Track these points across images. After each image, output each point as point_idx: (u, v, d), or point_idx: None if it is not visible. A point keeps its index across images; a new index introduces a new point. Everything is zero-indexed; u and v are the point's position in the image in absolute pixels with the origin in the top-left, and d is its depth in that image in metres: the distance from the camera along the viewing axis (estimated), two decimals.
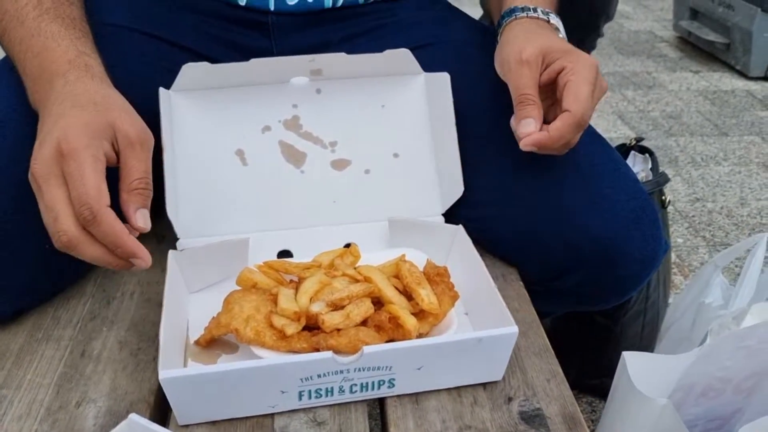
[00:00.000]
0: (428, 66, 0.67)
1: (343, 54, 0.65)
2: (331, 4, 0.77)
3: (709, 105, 2.33)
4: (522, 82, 0.59)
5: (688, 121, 2.21)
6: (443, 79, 0.65)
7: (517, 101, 0.58)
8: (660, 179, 1.05)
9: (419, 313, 0.51)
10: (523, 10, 0.67)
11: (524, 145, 0.58)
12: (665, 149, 2.01)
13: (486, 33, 0.81)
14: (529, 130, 0.57)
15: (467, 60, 0.75)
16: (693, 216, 1.67)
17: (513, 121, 0.60)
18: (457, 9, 0.90)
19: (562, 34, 0.67)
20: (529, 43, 0.60)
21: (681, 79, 2.57)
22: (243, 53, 0.74)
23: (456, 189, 0.66)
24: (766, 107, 2.33)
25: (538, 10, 0.67)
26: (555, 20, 0.67)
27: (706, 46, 2.76)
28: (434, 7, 0.87)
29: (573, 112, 0.56)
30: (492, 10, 0.75)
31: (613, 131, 2.11)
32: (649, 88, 2.47)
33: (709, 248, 1.54)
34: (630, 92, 2.43)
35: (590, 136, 0.69)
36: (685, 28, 2.86)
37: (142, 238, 0.68)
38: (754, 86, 2.50)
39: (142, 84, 0.65)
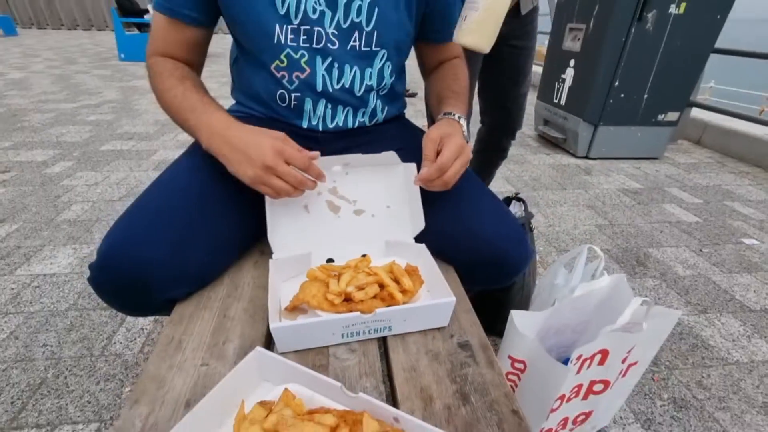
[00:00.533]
0: (404, 159, 0.65)
1: (360, 154, 0.64)
2: (351, 126, 0.77)
3: (555, 172, 2.31)
4: (426, 151, 0.60)
5: (544, 181, 2.18)
6: (412, 167, 0.64)
7: (422, 160, 0.60)
8: (529, 216, 1.09)
9: (403, 291, 0.53)
10: (446, 114, 0.68)
11: (415, 181, 0.61)
12: (532, 198, 1.98)
13: None
14: (423, 175, 0.59)
15: (417, 158, 0.75)
16: (548, 235, 1.65)
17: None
18: (414, 126, 0.87)
19: (465, 129, 0.67)
20: (437, 130, 0.62)
21: (540, 158, 2.55)
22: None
23: (420, 224, 0.65)
24: (587, 173, 2.32)
25: (455, 115, 0.68)
26: (462, 122, 0.67)
27: (553, 139, 2.74)
28: (405, 127, 0.85)
29: (437, 162, 0.58)
30: (434, 115, 0.75)
31: (503, 188, 2.09)
32: (522, 164, 2.44)
33: (557, 253, 1.52)
34: (511, 165, 2.39)
35: (491, 198, 0.70)
36: (541, 129, 2.86)
37: (253, 250, 0.70)
38: (580, 162, 2.50)
39: None
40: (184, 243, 0.55)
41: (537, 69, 2.95)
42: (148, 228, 0.54)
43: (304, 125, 0.73)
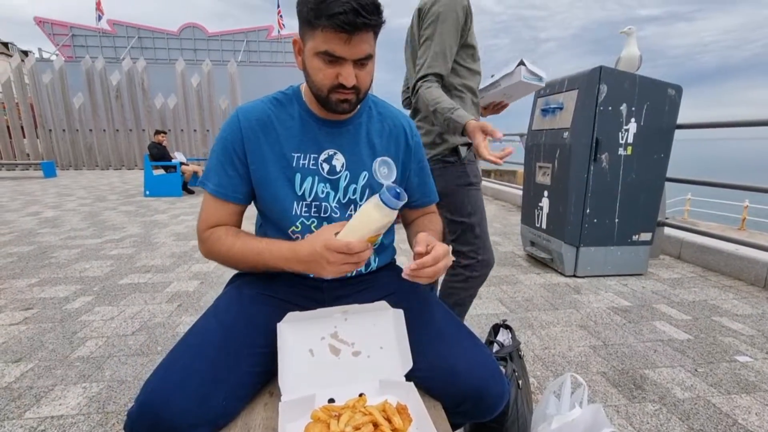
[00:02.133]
0: (394, 303, 0.76)
1: (356, 304, 0.76)
2: (350, 275, 0.90)
3: (546, 292, 2.40)
4: (420, 247, 0.72)
5: (536, 302, 2.26)
6: (400, 312, 0.75)
7: (414, 254, 0.72)
8: (516, 344, 1.17)
9: (394, 430, 0.59)
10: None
11: (407, 271, 0.70)
12: (526, 319, 2.03)
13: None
14: (419, 263, 0.69)
15: (409, 299, 0.85)
16: (544, 358, 1.67)
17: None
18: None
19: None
20: (427, 234, 0.76)
21: (530, 278, 2.67)
22: (313, 300, 0.86)
23: (408, 363, 0.73)
24: (577, 291, 2.41)
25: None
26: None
27: (541, 259, 2.88)
28: (396, 273, 0.96)
29: (432, 254, 0.69)
30: (413, 248, 0.82)
31: (497, 309, 2.16)
32: (515, 284, 2.55)
33: (554, 377, 1.51)
34: (504, 286, 2.49)
35: (469, 336, 0.79)
36: (528, 250, 3.05)
37: (263, 391, 0.78)
38: (569, 280, 2.60)
39: (268, 320, 0.76)
40: (208, 393, 0.65)
41: (518, 192, 3.27)
42: (180, 382, 0.64)
43: (311, 275, 0.88)
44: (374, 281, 0.93)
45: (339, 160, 0.85)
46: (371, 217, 0.67)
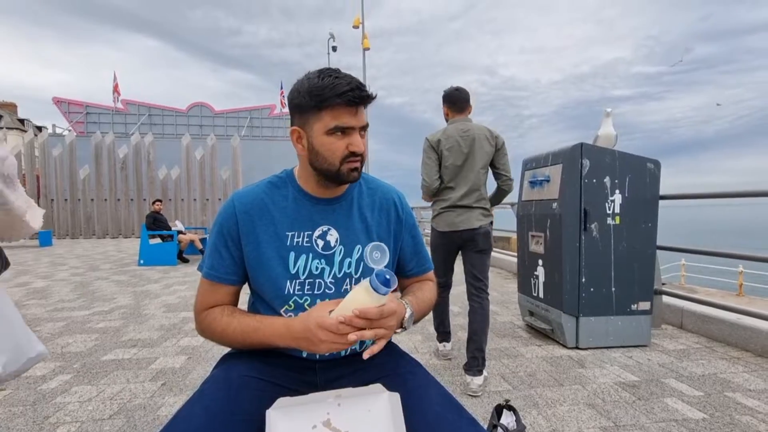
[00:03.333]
0: (390, 385, 0.73)
1: (350, 388, 0.73)
2: (344, 354, 0.87)
3: (549, 366, 2.30)
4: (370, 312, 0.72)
5: (540, 377, 2.15)
6: (396, 396, 0.71)
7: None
8: (522, 427, 1.10)
9: None
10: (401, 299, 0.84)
11: (354, 312, 0.70)
12: (530, 397, 1.92)
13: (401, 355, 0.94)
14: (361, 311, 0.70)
15: (406, 380, 0.82)
16: None
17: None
18: (401, 351, 0.95)
19: (407, 313, 0.81)
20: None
21: (532, 350, 2.57)
22: (305, 383, 0.84)
23: None
24: (581, 365, 2.31)
25: (405, 300, 0.85)
26: (408, 308, 0.82)
27: (541, 330, 2.80)
28: (392, 352, 0.93)
29: (378, 309, 0.71)
30: None
31: (500, 386, 2.05)
32: (516, 357, 2.45)
33: None
34: (505, 360, 2.39)
35: (472, 424, 0.74)
36: (527, 320, 2.96)
37: None
38: (572, 353, 2.51)
39: (257, 407, 0.72)
40: None
41: (513, 260, 3.26)
42: None
43: (304, 355, 0.85)
44: (369, 360, 0.89)
45: (333, 236, 0.88)
46: (362, 300, 0.70)
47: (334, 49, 15.40)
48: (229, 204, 0.87)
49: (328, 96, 0.76)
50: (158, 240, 7.13)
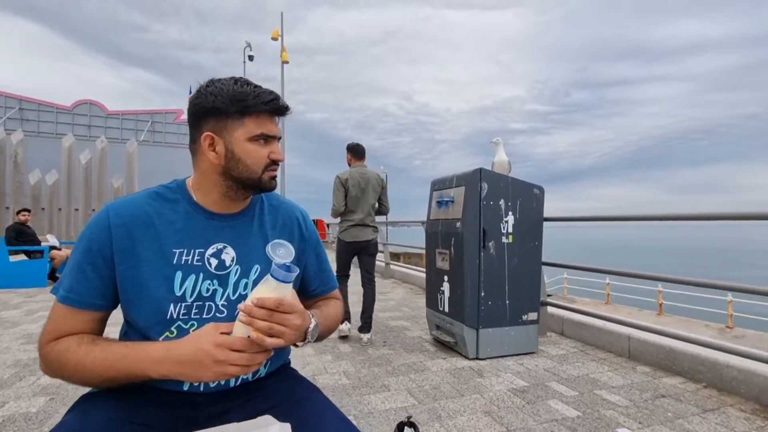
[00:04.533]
0: (283, 415, 0.68)
1: (235, 423, 0.66)
2: (233, 384, 0.79)
3: (452, 378, 2.40)
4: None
5: (444, 390, 2.23)
6: (287, 427, 0.66)
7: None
8: None
9: None
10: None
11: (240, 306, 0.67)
12: (434, 410, 1.98)
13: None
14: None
15: (300, 408, 0.77)
16: None
17: None
18: (299, 376, 0.91)
19: (311, 324, 0.75)
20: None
21: (437, 363, 2.67)
22: (182, 419, 0.73)
23: None
24: (480, 375, 2.45)
25: (311, 312, 0.79)
26: (313, 319, 0.77)
27: (447, 342, 2.94)
28: (289, 378, 0.88)
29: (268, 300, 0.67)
30: None
31: (406, 402, 2.07)
32: (422, 371, 2.51)
33: None
34: (413, 375, 2.44)
35: None
36: (434, 334, 3.09)
37: None
38: (473, 363, 2.66)
39: None
40: None
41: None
42: None
43: (185, 387, 0.75)
44: (261, 390, 0.83)
45: (229, 254, 0.81)
46: (261, 291, 0.66)
47: (251, 58, 14.87)
48: (102, 216, 0.76)
49: (253, 103, 0.76)
50: (23, 256, 5.97)
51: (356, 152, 3.35)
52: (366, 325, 3.20)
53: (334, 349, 3.02)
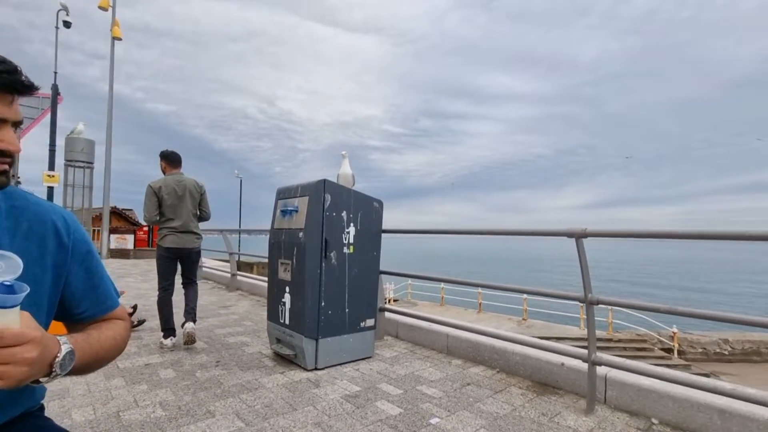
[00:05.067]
0: None
1: None
2: None
3: (287, 392, 2.33)
4: None
5: (276, 407, 2.14)
6: None
7: None
8: None
9: None
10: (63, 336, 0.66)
11: None
12: (262, 430, 1.87)
13: None
14: None
15: None
16: None
17: None
18: (52, 425, 0.76)
19: (61, 353, 0.61)
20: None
21: (274, 378, 2.55)
22: None
23: None
24: (316, 386, 2.44)
25: (63, 338, 0.64)
26: (64, 345, 0.62)
27: (287, 356, 2.85)
28: (32, 428, 0.72)
29: None
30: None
31: (230, 425, 1.91)
32: (256, 390, 2.36)
33: None
34: (243, 395, 2.28)
35: None
36: (274, 348, 2.95)
37: None
38: (311, 374, 2.63)
39: None
40: None
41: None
42: None
43: None
44: None
45: None
46: None
47: (67, 25, 12.02)
48: None
49: None
50: None
51: (171, 160, 3.37)
52: (189, 316, 3.27)
53: (152, 377, 2.59)
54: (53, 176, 11.28)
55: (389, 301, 17.05)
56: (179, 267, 3.42)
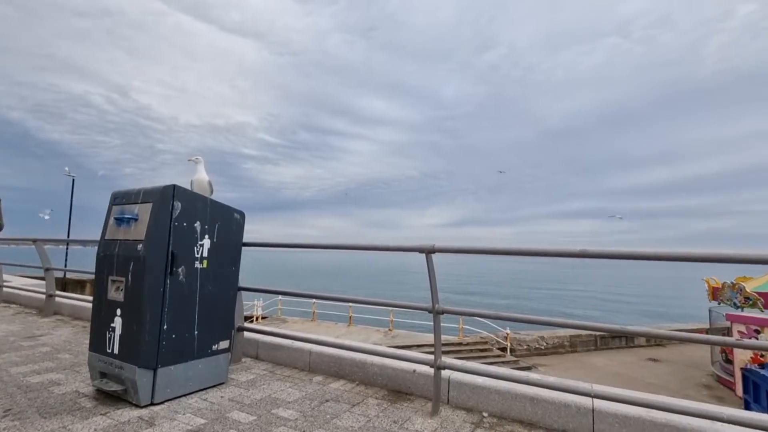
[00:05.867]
0: None
1: None
2: None
3: None
4: None
5: None
6: None
7: None
8: None
9: None
10: None
11: None
12: None
13: None
14: None
15: None
16: None
17: None
18: None
19: None
20: None
21: (92, 423, 2.09)
22: None
23: None
24: (150, 424, 2.10)
25: None
26: None
27: (113, 393, 2.38)
28: None
29: None
30: None
31: None
32: None
33: None
34: None
35: None
36: (97, 384, 2.41)
37: None
38: (144, 412, 2.25)
39: None
40: None
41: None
42: None
43: None
44: None
45: None
46: None
47: None
48: None
49: None
50: None
51: None
52: None
53: None
54: None
55: (257, 318, 15.98)
56: None
